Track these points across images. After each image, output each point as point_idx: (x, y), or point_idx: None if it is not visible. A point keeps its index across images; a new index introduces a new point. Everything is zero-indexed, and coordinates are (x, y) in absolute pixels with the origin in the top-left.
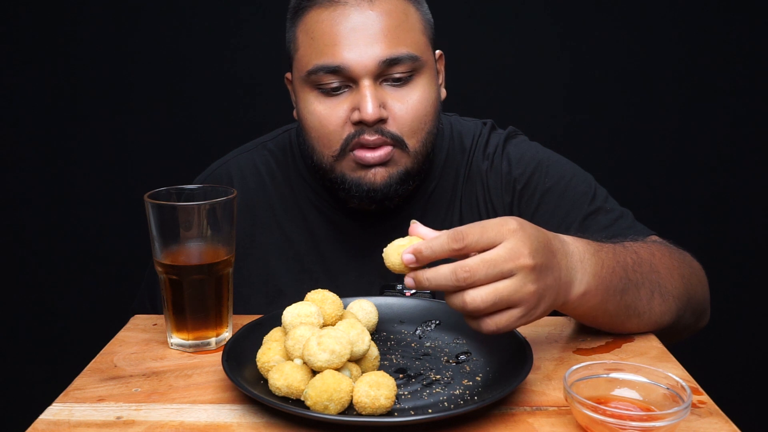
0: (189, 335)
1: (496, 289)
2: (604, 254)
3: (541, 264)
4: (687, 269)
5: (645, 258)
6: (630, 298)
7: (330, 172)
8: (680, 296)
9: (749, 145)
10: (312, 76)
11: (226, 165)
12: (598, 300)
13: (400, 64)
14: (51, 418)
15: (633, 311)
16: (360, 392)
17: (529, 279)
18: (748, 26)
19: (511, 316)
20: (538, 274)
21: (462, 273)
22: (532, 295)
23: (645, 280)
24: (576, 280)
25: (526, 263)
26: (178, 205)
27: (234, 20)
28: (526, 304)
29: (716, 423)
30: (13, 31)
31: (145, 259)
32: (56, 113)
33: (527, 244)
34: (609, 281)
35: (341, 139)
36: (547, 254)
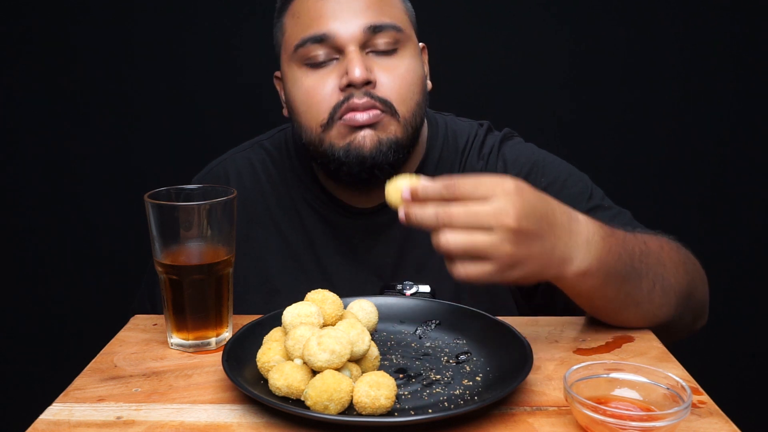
0: (189, 335)
1: (470, 239)
2: (614, 240)
3: (527, 229)
4: (691, 266)
5: (653, 249)
6: (631, 286)
7: (319, 146)
8: (682, 292)
9: (750, 145)
10: (299, 50)
11: (223, 164)
12: (598, 283)
13: (384, 32)
14: (51, 418)
15: (632, 300)
16: (360, 392)
17: (507, 239)
18: (749, 26)
19: (481, 269)
20: (521, 238)
21: (443, 215)
22: (508, 256)
23: (649, 271)
24: (576, 258)
25: (509, 224)
26: (178, 205)
27: (234, 20)
28: (499, 263)
29: (716, 423)
30: (12, 31)
31: (145, 259)
32: (56, 113)
33: (517, 206)
34: (613, 267)
35: (329, 108)
36: (541, 223)
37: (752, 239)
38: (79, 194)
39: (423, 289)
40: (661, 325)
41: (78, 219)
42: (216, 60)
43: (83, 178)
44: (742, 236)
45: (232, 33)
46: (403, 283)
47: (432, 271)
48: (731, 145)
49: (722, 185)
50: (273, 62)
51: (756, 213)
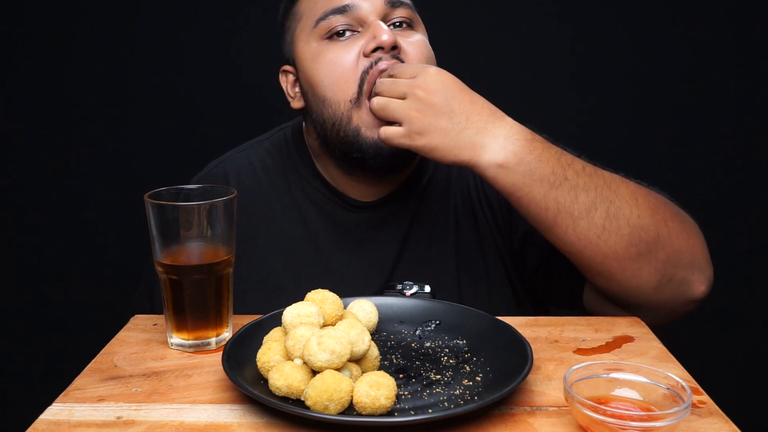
0: (189, 335)
1: (387, 100)
2: (542, 146)
3: (434, 103)
4: (667, 211)
5: (605, 175)
6: (562, 195)
7: (347, 123)
8: (642, 227)
9: (751, 145)
10: (321, 23)
11: (223, 164)
12: (519, 179)
13: (401, 7)
14: (51, 418)
15: (565, 211)
16: (360, 392)
17: (414, 105)
18: (752, 26)
19: (394, 129)
20: (427, 107)
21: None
22: (414, 119)
23: (591, 188)
24: (489, 148)
25: (418, 94)
26: (178, 205)
27: (234, 20)
28: (408, 125)
29: (716, 423)
30: (12, 31)
31: (145, 259)
32: (55, 113)
33: (430, 81)
34: (536, 168)
35: (357, 78)
36: (450, 101)
37: (752, 239)
38: (78, 194)
39: (423, 289)
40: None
41: (78, 219)
42: (216, 60)
43: (83, 178)
44: (742, 236)
45: (232, 33)
46: (403, 283)
47: (433, 264)
48: (732, 145)
49: (723, 185)
50: (274, 62)
51: (756, 213)
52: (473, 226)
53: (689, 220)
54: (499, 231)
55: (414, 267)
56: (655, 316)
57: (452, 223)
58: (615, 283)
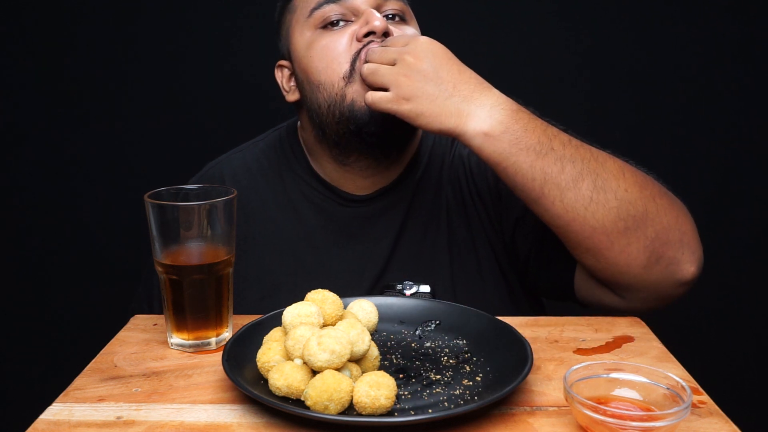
0: (189, 335)
1: (376, 66)
2: (528, 117)
3: (422, 69)
4: (654, 189)
5: (591, 149)
6: (549, 165)
7: (341, 102)
8: (630, 201)
9: (752, 144)
10: (315, 13)
11: (219, 165)
12: (505, 147)
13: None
14: (51, 418)
15: (552, 181)
16: (360, 392)
17: (402, 71)
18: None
19: (382, 94)
20: (415, 73)
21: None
22: (402, 84)
23: (578, 159)
24: (475, 116)
25: (406, 59)
26: (178, 205)
27: (234, 20)
28: (395, 90)
29: (716, 423)
30: (12, 31)
31: (145, 259)
32: (55, 113)
33: (419, 49)
34: (522, 138)
35: (350, 58)
36: (439, 69)
37: (752, 239)
38: (78, 194)
39: (423, 289)
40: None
41: (78, 219)
42: (216, 60)
43: (83, 178)
44: (742, 236)
45: (231, 33)
46: (403, 283)
47: (427, 257)
48: (733, 145)
49: (723, 184)
50: (272, 62)
51: (756, 213)
52: (465, 220)
53: (677, 200)
54: (491, 222)
55: (408, 260)
56: (645, 299)
57: (444, 216)
58: (603, 260)
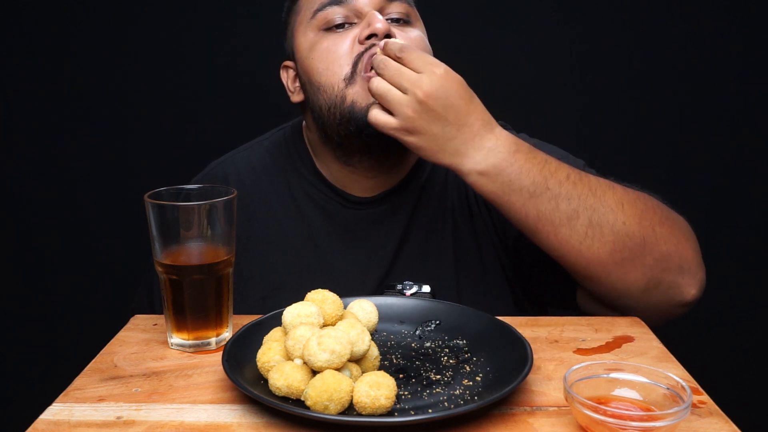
0: (189, 335)
1: (387, 88)
2: (525, 156)
3: (431, 107)
4: (655, 216)
5: (591, 183)
6: (542, 204)
7: (341, 104)
8: (628, 234)
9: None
10: (318, 14)
11: (222, 164)
12: (498, 188)
13: (398, 1)
14: (51, 418)
15: (545, 219)
16: (360, 392)
17: (412, 105)
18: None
19: (387, 119)
20: (423, 111)
21: (380, 63)
22: (408, 118)
23: (574, 197)
24: (470, 157)
25: (417, 94)
26: (178, 205)
27: (234, 20)
28: (400, 121)
29: (716, 423)
30: (12, 31)
31: (145, 259)
32: (55, 113)
33: (433, 86)
34: (516, 178)
35: (351, 60)
36: (448, 111)
37: (752, 239)
38: (78, 194)
39: (423, 289)
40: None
41: (77, 219)
42: (217, 60)
43: (83, 178)
44: (741, 236)
45: (232, 33)
46: (403, 283)
47: (431, 261)
48: (732, 145)
49: (722, 185)
50: (275, 62)
51: (756, 213)
52: (470, 224)
53: (681, 224)
54: (495, 229)
55: (412, 263)
56: (648, 317)
57: (449, 220)
58: (602, 287)
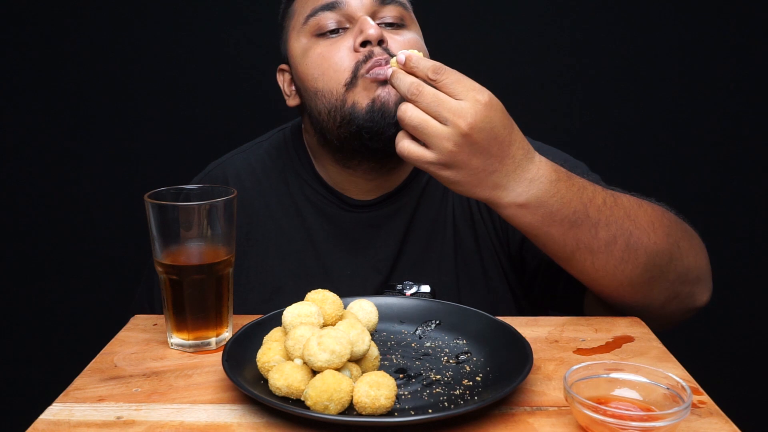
0: (189, 335)
1: (424, 119)
2: (565, 185)
3: (475, 140)
4: (677, 231)
5: (624, 205)
6: (582, 233)
7: (341, 107)
8: (657, 253)
9: (751, 145)
10: (310, 20)
11: (222, 165)
12: (538, 221)
13: (392, 5)
14: (51, 418)
15: (585, 247)
16: (360, 392)
17: (453, 138)
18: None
19: (422, 153)
20: (465, 144)
21: (414, 89)
22: (448, 152)
23: (612, 222)
24: (511, 190)
25: (461, 126)
26: (178, 205)
27: (234, 20)
28: (438, 155)
29: (716, 423)
30: (12, 31)
31: (145, 259)
32: (55, 113)
33: (477, 117)
34: (557, 210)
35: (351, 66)
36: (491, 143)
37: (752, 239)
38: (78, 194)
39: (423, 289)
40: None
41: (78, 219)
42: (216, 60)
43: (83, 178)
44: (742, 236)
45: (232, 33)
46: (403, 283)
47: (432, 264)
48: (732, 145)
49: (722, 185)
50: (274, 62)
51: (756, 213)
52: (471, 229)
53: (695, 236)
54: (497, 235)
55: (412, 268)
56: (655, 323)
57: (450, 224)
58: (625, 304)
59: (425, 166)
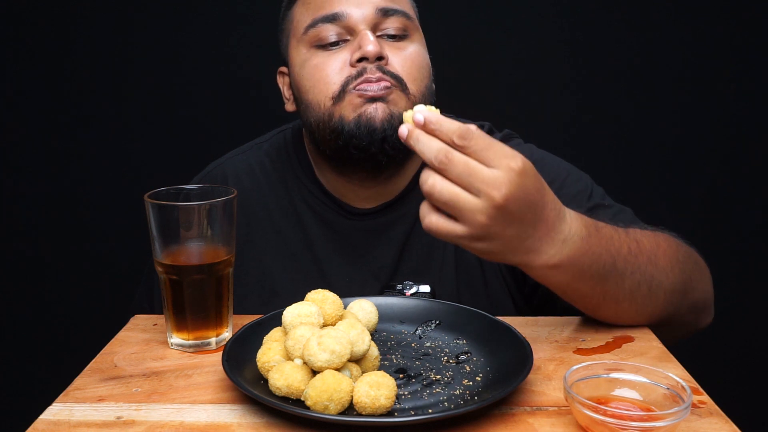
0: (189, 335)
1: (455, 193)
2: (596, 240)
3: (510, 211)
4: (690, 265)
5: (645, 248)
6: (610, 285)
7: (329, 121)
8: (674, 291)
9: (751, 145)
10: (310, 31)
11: (222, 166)
12: (568, 279)
13: (394, 16)
14: (51, 418)
15: (611, 297)
16: (360, 392)
17: (487, 211)
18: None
19: (451, 227)
20: (500, 216)
21: (442, 157)
22: (481, 226)
23: (636, 270)
24: (544, 253)
25: (496, 198)
26: (178, 205)
27: (234, 21)
28: (470, 228)
29: (716, 423)
30: (12, 31)
31: (145, 259)
32: (55, 113)
33: (512, 187)
34: (588, 267)
35: (341, 80)
36: (526, 212)
37: (752, 239)
38: (78, 194)
39: (423, 289)
40: (650, 322)
41: (78, 219)
42: (216, 60)
43: (83, 178)
44: (741, 236)
45: (232, 33)
46: (403, 283)
47: (432, 273)
48: (732, 145)
49: (721, 186)
50: (273, 62)
51: (756, 213)
52: None
53: (702, 265)
54: None
55: (413, 276)
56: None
57: None
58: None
59: (455, 240)
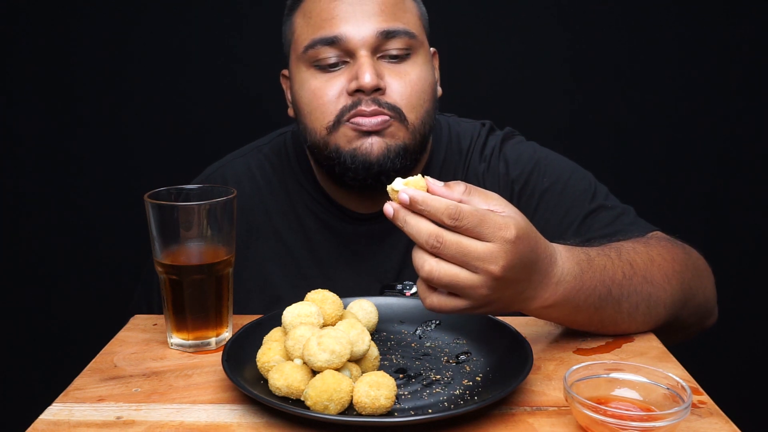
0: (189, 335)
1: (455, 274)
2: (588, 275)
3: (508, 278)
4: (689, 272)
5: (640, 268)
6: (608, 312)
7: (324, 148)
8: (674, 302)
9: (751, 145)
10: (309, 51)
11: (222, 169)
12: (565, 314)
13: (396, 38)
14: (51, 418)
15: (609, 322)
16: (360, 392)
17: (487, 284)
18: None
19: (455, 304)
20: (500, 284)
21: (434, 241)
22: (484, 298)
23: (633, 293)
24: (539, 297)
25: (494, 271)
26: (178, 205)
27: (234, 21)
28: (473, 302)
29: (716, 423)
30: (12, 31)
31: (145, 259)
32: (56, 113)
33: (508, 257)
34: (582, 301)
35: (336, 110)
36: (522, 272)
37: (752, 240)
38: (78, 194)
39: None
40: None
41: (78, 219)
42: (216, 61)
43: (83, 179)
44: (741, 237)
45: (232, 34)
46: (403, 283)
47: None
48: (732, 146)
49: (722, 186)
50: (274, 63)
51: (756, 213)
52: None
53: (703, 266)
54: None
55: (415, 279)
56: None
57: None
58: None
59: (459, 312)
